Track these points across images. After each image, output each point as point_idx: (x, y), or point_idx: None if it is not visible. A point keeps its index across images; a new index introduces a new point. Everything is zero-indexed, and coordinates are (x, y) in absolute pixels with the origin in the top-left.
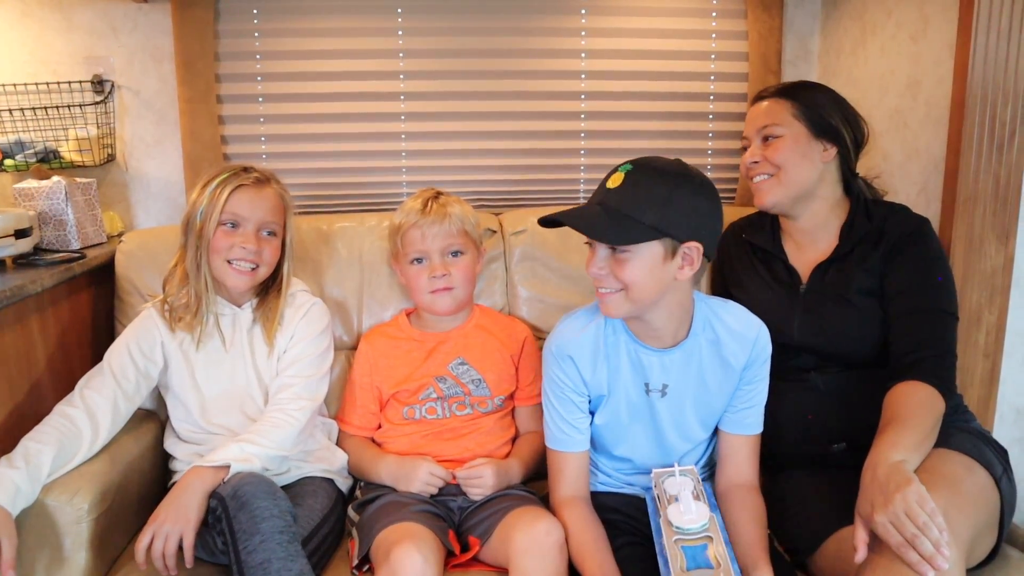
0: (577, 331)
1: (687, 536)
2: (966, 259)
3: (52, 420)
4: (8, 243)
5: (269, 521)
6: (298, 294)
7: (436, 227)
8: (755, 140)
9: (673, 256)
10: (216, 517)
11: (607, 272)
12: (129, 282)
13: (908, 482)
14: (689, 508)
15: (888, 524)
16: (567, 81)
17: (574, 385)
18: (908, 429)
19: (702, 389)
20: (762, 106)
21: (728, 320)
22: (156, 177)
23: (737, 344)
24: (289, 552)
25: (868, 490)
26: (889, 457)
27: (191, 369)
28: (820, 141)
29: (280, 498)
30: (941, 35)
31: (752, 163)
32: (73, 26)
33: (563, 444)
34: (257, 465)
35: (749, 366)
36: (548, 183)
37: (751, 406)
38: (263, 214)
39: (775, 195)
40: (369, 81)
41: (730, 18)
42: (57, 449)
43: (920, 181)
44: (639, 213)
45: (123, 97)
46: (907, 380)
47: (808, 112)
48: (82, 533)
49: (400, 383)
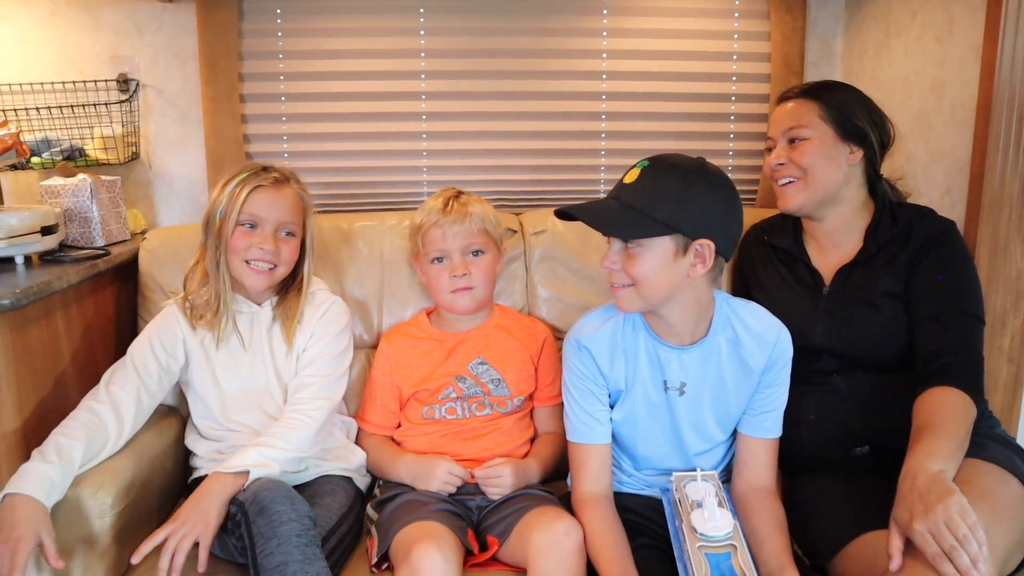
0: (595, 327)
1: (711, 543)
2: (991, 263)
3: (80, 415)
4: (34, 240)
5: (287, 525)
6: (318, 293)
7: (457, 226)
8: (780, 142)
9: (685, 253)
10: (235, 522)
11: (619, 267)
12: (152, 279)
13: (950, 493)
14: (714, 515)
15: (927, 534)
16: (588, 81)
17: (593, 376)
18: (944, 438)
19: (720, 389)
20: (788, 107)
21: (748, 321)
22: (179, 175)
23: (756, 346)
24: (307, 555)
25: (907, 498)
26: (928, 466)
27: (211, 367)
28: (847, 143)
29: (298, 503)
30: (967, 36)
31: (778, 165)
32: (100, 26)
33: (584, 436)
34: (276, 469)
35: (768, 369)
36: (569, 183)
37: (771, 410)
38: (281, 215)
39: (800, 198)
40: (390, 81)
41: (753, 19)
42: (87, 444)
43: (944, 184)
44: (651, 208)
45: (147, 96)
46: (938, 386)
47: (835, 114)
48: (105, 527)
49: (420, 382)
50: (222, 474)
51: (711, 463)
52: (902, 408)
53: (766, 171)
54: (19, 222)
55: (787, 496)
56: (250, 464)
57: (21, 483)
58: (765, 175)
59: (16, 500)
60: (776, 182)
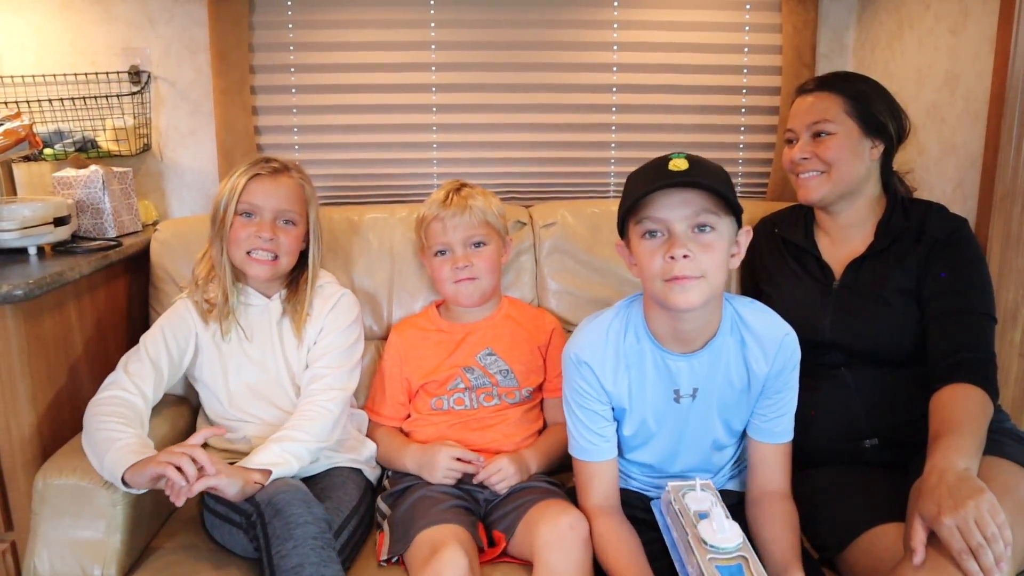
0: (594, 338)
1: (721, 555)
2: (1003, 257)
3: (120, 411)
4: (47, 230)
5: (303, 527)
6: (327, 285)
7: (457, 219)
8: (804, 135)
9: (735, 241)
10: (251, 522)
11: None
12: (164, 270)
13: (981, 491)
14: (723, 526)
15: (955, 528)
16: (598, 74)
17: (596, 393)
18: (968, 435)
19: (728, 390)
20: (810, 100)
21: (753, 324)
22: (190, 167)
23: (760, 350)
24: (322, 557)
25: (935, 492)
26: (956, 463)
27: (223, 360)
28: (870, 138)
29: (314, 505)
30: (981, 28)
31: (802, 159)
32: (112, 17)
33: (590, 454)
34: (295, 466)
35: (776, 375)
36: (579, 175)
37: (781, 415)
38: (278, 203)
39: (823, 190)
40: (401, 73)
41: (764, 11)
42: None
43: (956, 177)
44: (725, 189)
45: (159, 88)
46: (957, 382)
47: (859, 108)
48: (117, 516)
49: (429, 374)
50: (246, 468)
51: (721, 465)
52: (910, 402)
53: (786, 163)
54: (32, 213)
55: (797, 489)
56: (271, 463)
57: (124, 462)
58: (784, 167)
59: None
60: (798, 175)
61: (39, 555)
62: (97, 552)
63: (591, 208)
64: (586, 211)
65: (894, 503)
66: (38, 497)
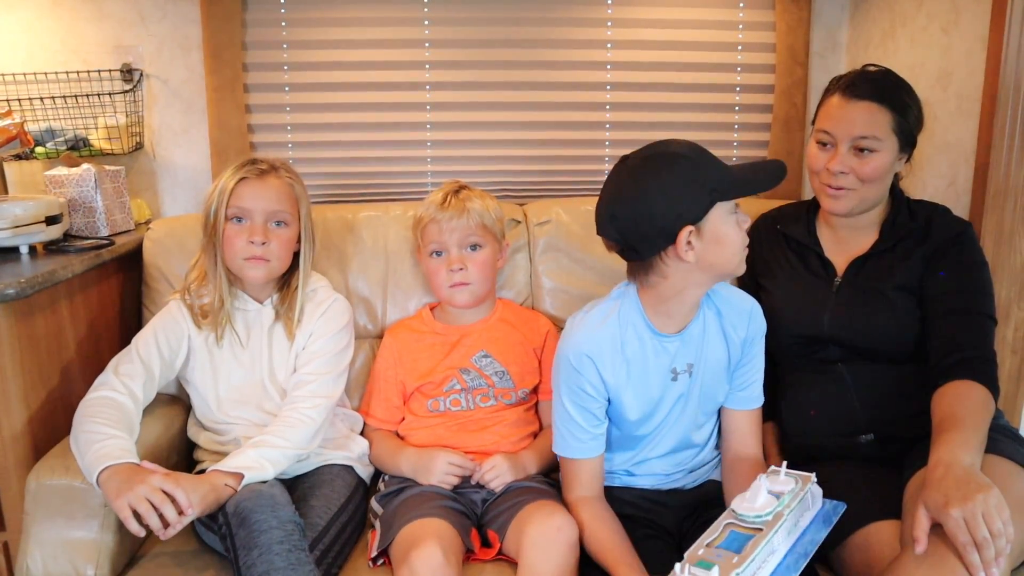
0: (594, 330)
1: (740, 522)
2: (996, 254)
3: (107, 412)
4: (39, 229)
5: (267, 533)
6: (319, 290)
7: (454, 221)
8: (844, 145)
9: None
10: (222, 534)
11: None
12: (157, 269)
13: (989, 487)
14: (756, 497)
15: (962, 520)
16: (593, 72)
17: (596, 390)
18: (972, 431)
19: (715, 360)
20: (861, 109)
21: (724, 293)
22: (183, 165)
23: (737, 317)
24: (290, 561)
25: (942, 483)
26: (961, 458)
27: (213, 364)
28: (903, 152)
29: (281, 509)
30: (973, 26)
31: (840, 173)
32: (103, 15)
33: (579, 452)
34: (270, 471)
35: (749, 343)
36: (573, 174)
37: (752, 382)
38: (268, 204)
39: (852, 204)
40: (395, 71)
41: (757, 9)
42: (129, 434)
43: (949, 175)
44: None
45: (151, 86)
46: (960, 379)
47: (903, 124)
48: (110, 516)
49: (424, 376)
50: (220, 472)
51: (705, 440)
52: (907, 399)
53: (814, 166)
54: (24, 212)
55: None
56: (244, 467)
57: (97, 466)
58: (808, 167)
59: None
60: (827, 186)
61: (32, 555)
62: (90, 552)
63: (585, 206)
64: (580, 209)
65: (888, 501)
66: (31, 497)
